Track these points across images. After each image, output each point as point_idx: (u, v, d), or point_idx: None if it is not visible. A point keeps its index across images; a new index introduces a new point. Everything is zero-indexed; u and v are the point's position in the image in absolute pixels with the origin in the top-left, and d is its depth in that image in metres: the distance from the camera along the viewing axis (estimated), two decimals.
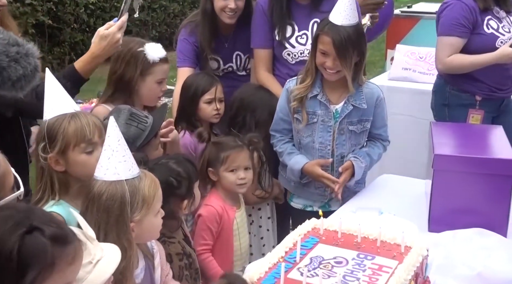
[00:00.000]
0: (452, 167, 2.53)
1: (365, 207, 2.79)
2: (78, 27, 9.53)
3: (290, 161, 2.96)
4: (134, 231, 1.93)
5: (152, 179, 1.98)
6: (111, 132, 1.93)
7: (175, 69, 3.55)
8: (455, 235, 2.42)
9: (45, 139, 2.15)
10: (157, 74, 2.85)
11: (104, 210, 1.90)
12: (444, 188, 2.55)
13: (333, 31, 2.74)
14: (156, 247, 2.18)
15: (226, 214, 2.77)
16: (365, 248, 2.06)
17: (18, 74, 1.42)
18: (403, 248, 2.03)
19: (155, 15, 11.06)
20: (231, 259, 2.80)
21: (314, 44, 2.85)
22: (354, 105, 2.89)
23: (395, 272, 1.89)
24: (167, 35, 11.44)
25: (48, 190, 2.15)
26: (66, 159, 2.16)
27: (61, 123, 2.15)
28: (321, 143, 2.93)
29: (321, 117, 2.90)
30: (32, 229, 1.38)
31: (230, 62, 3.56)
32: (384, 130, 3.05)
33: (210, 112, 3.13)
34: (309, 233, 2.16)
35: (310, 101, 2.90)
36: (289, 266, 1.92)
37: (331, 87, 2.90)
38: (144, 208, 1.93)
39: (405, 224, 2.50)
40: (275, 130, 3.06)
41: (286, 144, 3.02)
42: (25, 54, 1.44)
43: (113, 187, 1.90)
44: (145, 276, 2.07)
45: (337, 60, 2.76)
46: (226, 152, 2.80)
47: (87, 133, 2.15)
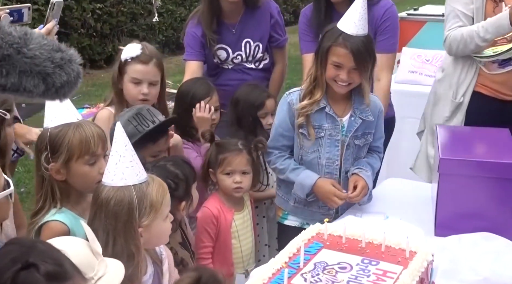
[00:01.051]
0: (458, 170, 2.51)
1: (371, 212, 2.78)
2: (85, 32, 9.58)
3: (298, 176, 2.77)
4: (142, 236, 1.93)
5: (160, 184, 1.98)
6: (118, 138, 1.93)
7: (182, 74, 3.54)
8: (461, 239, 2.40)
9: (47, 149, 2.15)
10: (129, 73, 2.85)
11: (112, 215, 1.90)
12: (450, 192, 2.53)
13: (350, 42, 2.61)
14: (165, 252, 2.18)
15: (223, 216, 2.76)
16: (369, 253, 2.04)
17: (62, 81, 1.42)
18: (408, 253, 2.01)
19: (161, 19, 11.07)
20: (230, 261, 2.79)
21: (324, 57, 2.69)
22: (362, 118, 2.77)
23: (399, 278, 1.87)
24: (174, 40, 11.47)
25: (49, 198, 2.15)
26: (68, 169, 2.16)
27: (66, 133, 2.15)
28: (329, 158, 2.77)
29: (328, 131, 2.75)
30: (28, 265, 1.39)
31: (239, 50, 3.50)
32: (381, 142, 2.95)
33: None
34: (313, 238, 2.14)
35: (316, 115, 2.75)
36: (292, 271, 1.90)
37: (336, 99, 2.78)
38: (152, 213, 1.93)
39: (411, 228, 2.49)
40: (273, 147, 2.86)
41: (287, 160, 2.83)
42: (69, 60, 1.44)
43: (121, 192, 1.91)
44: (154, 282, 2.07)
45: (352, 72, 2.65)
46: (223, 154, 2.79)
47: (92, 146, 2.16)
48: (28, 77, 1.38)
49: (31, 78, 1.38)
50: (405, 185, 3.21)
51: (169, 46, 11.59)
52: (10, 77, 1.36)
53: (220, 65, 3.55)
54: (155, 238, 2.00)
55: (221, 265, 2.73)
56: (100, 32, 9.76)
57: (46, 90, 1.41)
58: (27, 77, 1.37)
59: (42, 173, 2.17)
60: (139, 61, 2.85)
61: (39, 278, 1.38)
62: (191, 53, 3.50)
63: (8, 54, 1.35)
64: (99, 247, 1.71)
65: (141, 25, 10.72)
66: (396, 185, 3.21)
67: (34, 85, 1.38)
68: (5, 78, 1.35)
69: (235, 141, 2.88)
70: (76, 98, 7.34)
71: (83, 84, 9.58)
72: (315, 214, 2.83)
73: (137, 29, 10.60)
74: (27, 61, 1.37)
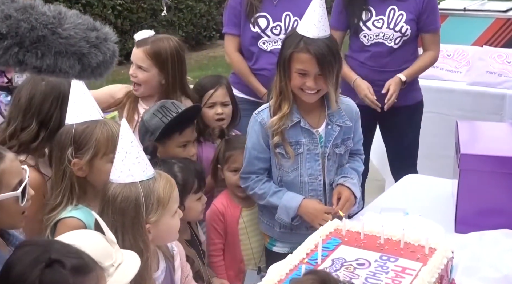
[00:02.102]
0: (479, 166, 2.48)
1: (390, 208, 2.74)
2: None
3: (281, 199, 2.57)
4: (150, 233, 1.93)
5: (167, 180, 1.98)
6: (123, 134, 1.93)
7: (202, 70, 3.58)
8: (482, 236, 2.37)
9: (71, 145, 2.15)
10: None
11: (119, 212, 1.90)
12: (471, 188, 2.51)
13: (312, 46, 2.43)
14: (177, 248, 2.18)
15: (229, 212, 2.74)
16: (388, 250, 2.02)
17: (98, 61, 1.39)
18: (427, 249, 1.99)
19: (181, 15, 11.10)
20: (239, 258, 2.77)
21: (287, 65, 2.50)
22: (339, 125, 2.59)
23: (418, 275, 1.85)
24: (194, 35, 11.49)
25: (68, 194, 2.15)
26: (91, 166, 2.16)
27: (93, 130, 2.14)
28: (311, 174, 2.58)
29: (306, 146, 2.56)
30: (51, 262, 1.40)
31: (278, 21, 3.52)
32: (361, 144, 2.77)
33: (212, 116, 2.98)
34: (331, 234, 2.13)
35: (290, 131, 2.54)
36: (310, 268, 1.89)
37: (308, 110, 2.58)
38: (159, 209, 1.93)
39: (431, 225, 2.46)
40: (249, 172, 2.63)
41: (266, 183, 2.62)
42: (104, 39, 1.41)
43: (128, 189, 1.91)
44: (166, 277, 2.07)
45: (318, 78, 2.47)
46: (229, 151, 2.77)
47: (117, 144, 2.15)
48: (64, 58, 1.35)
49: (67, 59, 1.35)
50: (426, 181, 3.17)
51: (189, 42, 11.59)
52: (45, 59, 1.33)
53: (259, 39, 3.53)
54: (164, 234, 1.99)
55: (231, 262, 2.73)
56: (120, 28, 9.79)
57: (82, 70, 1.38)
58: (63, 58, 1.35)
59: (64, 168, 2.17)
60: (136, 44, 2.97)
61: (65, 273, 1.39)
62: (227, 25, 3.61)
63: (43, 35, 1.33)
64: (113, 236, 1.71)
65: (161, 21, 10.73)
66: (416, 181, 3.18)
67: (69, 66, 1.36)
68: (41, 60, 1.33)
69: (243, 138, 2.81)
70: None
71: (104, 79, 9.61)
72: (304, 237, 2.39)
73: (157, 25, 10.61)
74: (62, 41, 1.34)
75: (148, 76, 2.92)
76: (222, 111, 3.00)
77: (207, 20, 11.78)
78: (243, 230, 2.79)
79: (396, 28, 3.57)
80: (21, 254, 1.45)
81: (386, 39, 3.58)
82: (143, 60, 2.92)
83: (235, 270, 2.75)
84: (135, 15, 10.08)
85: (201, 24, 11.64)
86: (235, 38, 3.60)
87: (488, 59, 4.71)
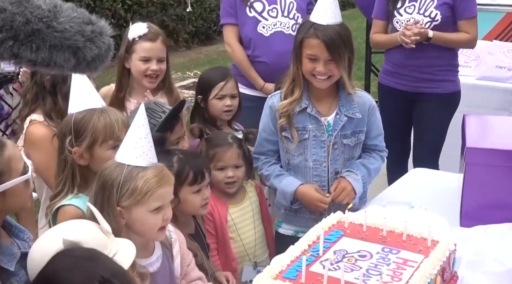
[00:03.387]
0: (485, 160, 2.46)
1: (395, 201, 2.73)
2: (115, 22, 9.64)
3: (280, 183, 2.67)
4: (124, 219, 1.94)
5: (157, 177, 1.96)
6: (136, 119, 1.96)
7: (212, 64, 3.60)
8: (487, 230, 2.35)
9: (71, 133, 2.17)
10: (138, 51, 2.92)
11: (101, 185, 1.95)
12: (477, 182, 2.48)
13: (321, 32, 2.49)
14: (175, 235, 2.18)
15: (217, 211, 2.70)
16: (390, 242, 2.01)
17: (93, 55, 1.40)
18: (429, 242, 1.97)
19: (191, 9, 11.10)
20: (231, 256, 2.72)
21: (298, 51, 2.57)
22: (348, 115, 2.62)
23: (420, 266, 1.84)
24: (204, 30, 11.50)
25: (69, 182, 2.18)
26: (92, 154, 2.19)
27: (90, 118, 2.18)
28: (315, 160, 2.63)
29: (312, 132, 2.61)
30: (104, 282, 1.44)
31: (274, 4, 3.56)
32: (380, 140, 2.77)
33: (221, 108, 2.97)
34: (333, 226, 2.12)
35: (299, 116, 2.61)
36: (311, 259, 1.89)
37: (319, 97, 2.63)
38: (132, 198, 1.93)
39: (435, 218, 2.45)
40: (258, 153, 2.75)
41: (273, 165, 2.73)
42: (99, 33, 1.41)
43: (115, 167, 1.95)
44: (162, 265, 2.07)
45: (329, 63, 2.52)
46: (213, 149, 2.72)
47: (116, 130, 2.18)
48: (59, 51, 1.35)
49: (62, 52, 1.36)
50: (432, 175, 3.16)
51: (198, 37, 11.61)
52: (40, 52, 1.34)
53: (257, 23, 3.55)
54: (137, 225, 1.97)
55: (224, 261, 2.70)
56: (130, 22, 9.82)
57: (77, 64, 1.39)
58: (58, 51, 1.35)
59: (65, 157, 2.19)
60: (147, 39, 2.93)
61: None
62: (223, 16, 3.66)
63: (38, 28, 1.33)
64: (108, 226, 1.72)
65: (171, 16, 10.75)
66: (422, 175, 3.16)
67: (64, 60, 1.36)
68: (35, 53, 1.33)
69: (224, 135, 2.81)
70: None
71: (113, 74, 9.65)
72: (308, 221, 2.63)
73: (167, 20, 10.64)
74: (57, 35, 1.35)
75: (165, 64, 2.98)
76: (231, 104, 3.00)
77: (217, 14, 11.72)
78: (233, 227, 2.74)
79: (425, 13, 3.64)
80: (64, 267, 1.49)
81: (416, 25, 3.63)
82: (163, 51, 2.96)
83: (228, 269, 2.71)
84: (145, 9, 10.11)
85: (211, 19, 11.65)
86: (234, 28, 3.62)
87: (498, 54, 4.68)
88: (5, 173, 1.72)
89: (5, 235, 1.82)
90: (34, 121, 2.62)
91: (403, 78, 3.78)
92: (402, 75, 3.78)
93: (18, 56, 1.33)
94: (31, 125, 2.63)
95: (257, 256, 2.81)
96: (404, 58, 3.73)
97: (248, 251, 2.79)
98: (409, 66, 3.73)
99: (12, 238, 1.85)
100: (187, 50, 11.04)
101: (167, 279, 2.11)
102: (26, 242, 1.86)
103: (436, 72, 3.73)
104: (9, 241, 1.81)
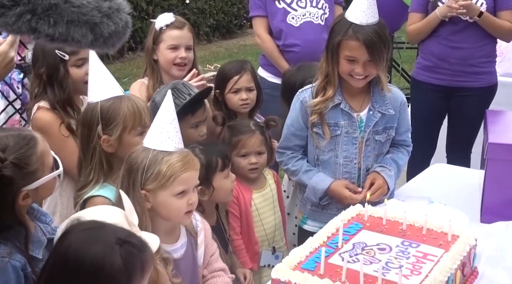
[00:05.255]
0: (506, 155, 2.44)
1: (415, 196, 2.72)
2: (137, 15, 9.69)
3: (311, 179, 2.63)
4: (149, 202, 1.97)
5: (182, 161, 1.99)
6: (163, 104, 1.99)
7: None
8: (508, 226, 2.34)
9: (99, 121, 2.19)
10: (166, 40, 2.95)
11: (128, 168, 1.99)
12: (498, 178, 2.47)
13: (361, 33, 2.43)
14: (201, 225, 2.21)
15: (242, 195, 2.75)
16: (410, 236, 2.00)
17: (110, 31, 1.39)
18: (450, 236, 1.96)
19: (212, 3, 11.12)
20: (254, 239, 2.78)
21: (335, 52, 2.51)
22: (381, 112, 2.58)
23: (440, 261, 1.83)
24: (224, 24, 11.50)
25: (98, 171, 2.19)
26: (120, 141, 2.20)
27: (119, 106, 2.20)
28: (346, 157, 2.60)
29: (344, 128, 2.57)
30: (122, 243, 1.53)
31: None
32: (408, 135, 2.76)
33: (237, 102, 2.97)
34: (353, 219, 2.12)
35: (331, 112, 2.57)
36: (330, 251, 1.89)
37: (352, 93, 2.60)
38: (156, 181, 1.96)
39: (455, 213, 2.43)
40: (284, 147, 2.71)
41: (300, 161, 2.68)
42: (116, 9, 1.40)
43: (142, 152, 1.99)
44: (186, 252, 2.09)
45: (368, 64, 2.47)
46: (237, 136, 2.76)
47: (144, 117, 2.21)
48: (76, 27, 1.36)
49: (79, 28, 1.36)
50: (453, 170, 3.14)
51: (219, 30, 11.62)
52: (57, 27, 1.35)
53: (287, 14, 3.60)
54: (162, 208, 2.00)
55: (247, 245, 2.74)
56: (152, 15, 9.84)
57: (94, 40, 1.40)
58: (75, 27, 1.36)
59: (93, 146, 2.20)
60: (174, 27, 2.96)
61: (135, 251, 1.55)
62: (252, 9, 3.72)
63: (55, 3, 1.33)
64: (135, 218, 1.73)
65: (192, 9, 10.77)
66: (442, 170, 3.14)
67: (82, 35, 1.37)
68: (53, 28, 1.34)
69: (247, 122, 2.84)
70: (126, 80, 7.45)
71: (134, 66, 9.75)
72: (334, 217, 2.50)
73: (188, 13, 10.65)
74: (74, 10, 1.35)
75: (192, 53, 3.01)
76: (247, 97, 3.00)
77: (238, 8, 11.79)
78: (255, 212, 2.79)
79: None
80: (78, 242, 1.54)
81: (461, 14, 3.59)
82: (190, 39, 3.00)
83: (251, 252, 2.76)
84: (166, 2, 10.13)
85: (232, 12, 11.65)
86: (263, 19, 3.68)
87: None
88: (39, 169, 1.75)
89: (29, 219, 1.84)
90: (41, 107, 2.61)
91: (444, 73, 3.73)
92: (442, 69, 3.72)
93: (36, 31, 1.33)
94: (38, 111, 2.61)
95: (276, 242, 2.85)
96: (444, 48, 3.68)
97: (268, 236, 2.83)
98: (450, 58, 3.67)
99: (35, 221, 1.87)
100: (208, 44, 11.06)
101: (190, 266, 2.13)
102: (48, 225, 1.89)
103: (478, 64, 3.70)
104: (32, 226, 1.83)
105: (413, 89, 4.02)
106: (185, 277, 2.06)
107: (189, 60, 2.97)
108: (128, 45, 9.61)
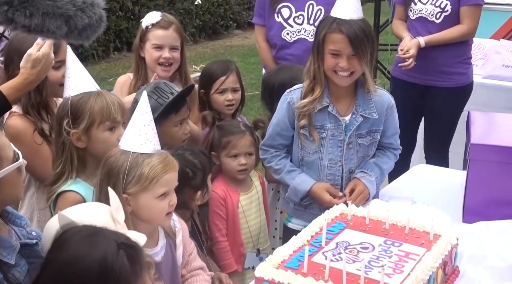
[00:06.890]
0: (488, 156, 2.46)
1: (398, 197, 2.74)
2: (123, 15, 9.67)
3: (293, 180, 2.64)
4: (130, 206, 1.96)
5: (163, 163, 1.98)
6: (139, 105, 1.99)
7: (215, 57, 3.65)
8: (489, 225, 2.36)
9: (68, 116, 2.20)
10: (151, 39, 2.97)
11: (106, 172, 1.98)
12: (480, 178, 2.49)
13: (345, 26, 2.46)
14: (179, 225, 2.20)
15: (229, 197, 2.76)
16: (392, 235, 2.02)
17: (84, 23, 1.47)
18: (432, 236, 1.99)
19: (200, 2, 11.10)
20: (239, 241, 2.80)
21: (321, 47, 2.52)
22: (364, 115, 2.58)
23: (422, 259, 1.85)
24: (211, 25, 11.50)
25: (68, 165, 2.21)
26: (89, 136, 2.22)
27: (87, 100, 2.22)
28: (331, 159, 2.61)
29: (330, 131, 2.58)
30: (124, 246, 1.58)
31: (301, 10, 3.67)
32: (396, 138, 2.75)
33: (222, 102, 3.00)
34: (336, 218, 2.13)
35: (318, 114, 2.58)
36: (314, 250, 1.90)
37: (338, 97, 2.60)
38: (139, 184, 1.95)
39: (437, 213, 2.46)
40: (268, 145, 2.72)
41: (283, 159, 2.70)
42: (91, 4, 1.49)
43: (120, 155, 1.98)
44: (166, 254, 2.09)
45: (351, 58, 2.48)
46: (227, 137, 2.76)
47: (113, 112, 2.22)
48: (51, 19, 1.42)
49: (54, 20, 1.42)
50: (435, 171, 3.17)
51: (205, 31, 11.62)
52: (33, 19, 1.40)
53: (282, 29, 3.67)
54: (144, 211, 1.99)
55: (232, 247, 2.75)
56: (138, 15, 9.83)
57: (69, 32, 1.46)
58: (50, 19, 1.41)
59: (63, 140, 2.22)
60: (160, 27, 2.97)
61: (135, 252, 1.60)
62: (259, 15, 3.80)
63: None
64: (121, 216, 1.73)
65: (178, 9, 10.76)
66: (425, 171, 3.17)
67: (57, 27, 1.42)
68: (29, 19, 1.40)
69: (236, 123, 2.86)
70: (112, 80, 7.42)
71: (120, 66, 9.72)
72: (317, 217, 2.41)
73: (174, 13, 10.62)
74: (49, 3, 1.41)
75: (179, 53, 3.01)
76: (233, 98, 3.02)
77: (225, 9, 11.79)
78: (242, 214, 2.80)
79: (436, 4, 3.72)
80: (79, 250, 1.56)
81: (428, 15, 3.77)
82: (176, 39, 2.99)
83: (236, 254, 2.77)
84: (153, 2, 10.11)
85: (218, 13, 11.65)
86: (262, 28, 3.77)
87: (505, 53, 4.68)
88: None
89: (2, 223, 1.77)
90: (14, 113, 2.51)
91: (415, 70, 3.79)
92: (414, 67, 3.78)
93: (13, 21, 1.39)
94: (10, 117, 2.53)
95: (261, 244, 2.87)
96: None
97: (253, 238, 2.84)
98: (420, 57, 3.74)
99: (10, 225, 1.80)
100: (194, 44, 11.05)
101: (170, 268, 2.13)
102: (24, 228, 1.81)
103: (448, 64, 3.80)
104: (6, 229, 1.76)
105: (392, 87, 4.11)
106: (165, 279, 2.06)
107: (174, 60, 2.97)
108: (114, 45, 9.59)
